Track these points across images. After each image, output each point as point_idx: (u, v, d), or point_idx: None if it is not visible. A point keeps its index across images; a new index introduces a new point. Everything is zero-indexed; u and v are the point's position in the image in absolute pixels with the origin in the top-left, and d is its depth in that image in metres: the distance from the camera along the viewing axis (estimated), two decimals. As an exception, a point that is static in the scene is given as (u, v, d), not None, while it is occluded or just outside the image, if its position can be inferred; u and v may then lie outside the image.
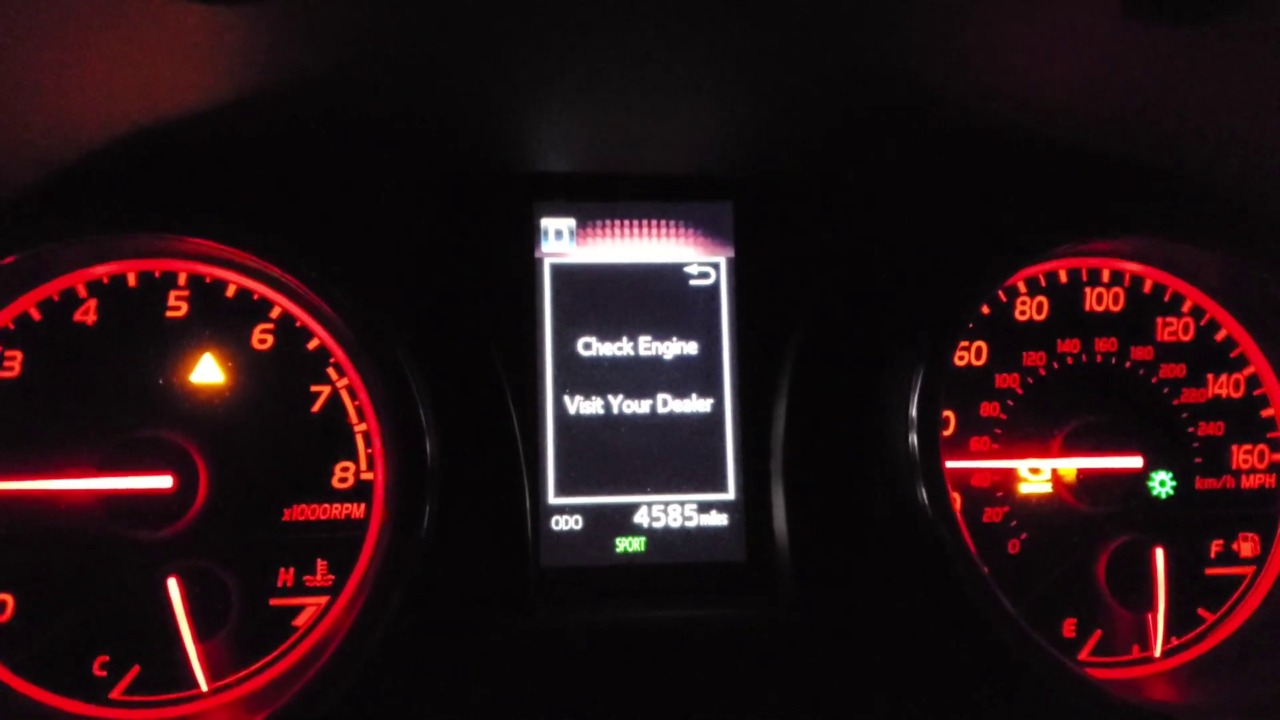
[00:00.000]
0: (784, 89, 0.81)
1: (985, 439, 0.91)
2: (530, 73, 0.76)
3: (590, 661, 0.90)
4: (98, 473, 0.82)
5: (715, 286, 0.98)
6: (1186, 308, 0.95)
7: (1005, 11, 0.69)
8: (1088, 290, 0.94)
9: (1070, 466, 0.90)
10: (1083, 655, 0.90)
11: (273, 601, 0.85)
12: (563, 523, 0.94)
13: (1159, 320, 0.95)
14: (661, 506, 0.95)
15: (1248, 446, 0.94)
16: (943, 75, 0.78)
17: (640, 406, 0.96)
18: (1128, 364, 0.94)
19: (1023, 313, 0.93)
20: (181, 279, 0.87)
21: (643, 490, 0.95)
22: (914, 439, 0.82)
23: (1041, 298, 0.94)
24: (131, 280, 0.87)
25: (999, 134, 0.87)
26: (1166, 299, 0.95)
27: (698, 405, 0.96)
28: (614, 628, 0.91)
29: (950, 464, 0.88)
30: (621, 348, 0.96)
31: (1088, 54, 0.74)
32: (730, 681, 0.89)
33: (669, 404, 0.96)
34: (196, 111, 0.79)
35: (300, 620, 0.85)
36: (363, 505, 0.87)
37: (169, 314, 0.87)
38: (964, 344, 0.92)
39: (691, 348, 0.97)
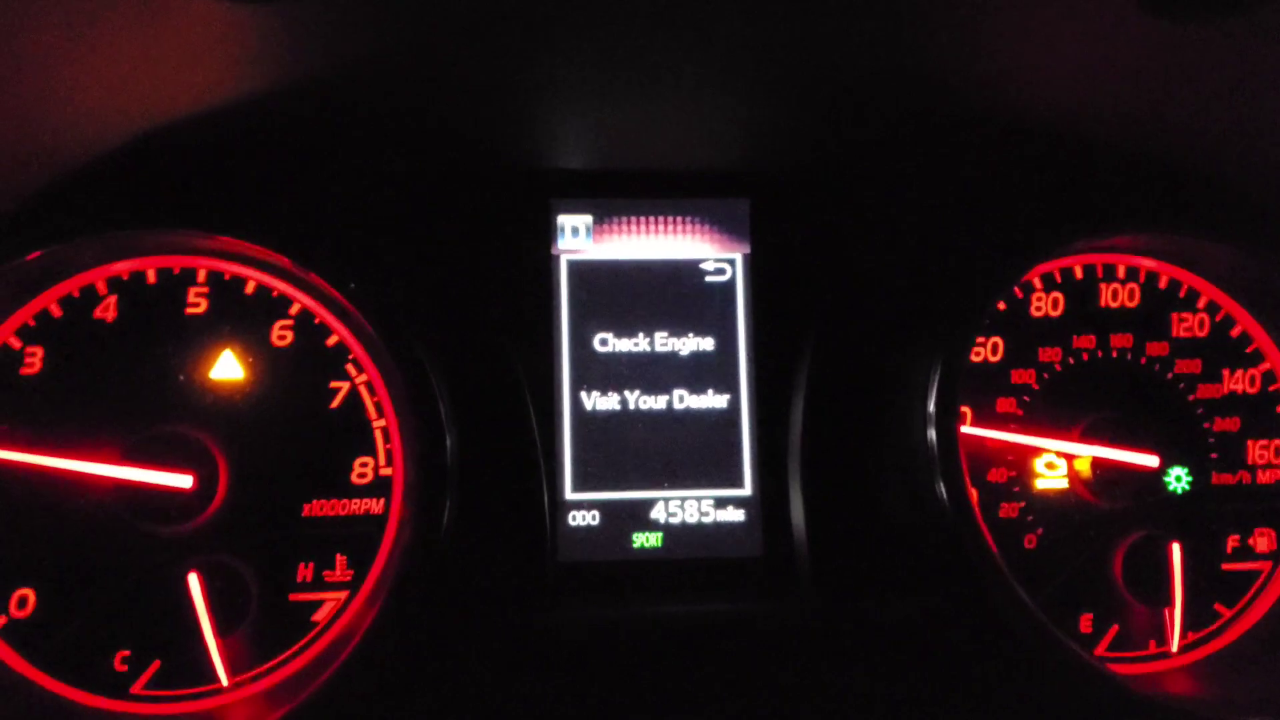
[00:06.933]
0: (800, 85, 0.81)
1: (1001, 434, 0.91)
2: (547, 70, 0.77)
3: (607, 656, 0.90)
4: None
5: (731, 283, 0.98)
6: (1202, 303, 0.95)
7: (1022, 6, 0.69)
8: (1103, 286, 0.94)
9: (1086, 455, 0.90)
10: (1100, 650, 0.90)
11: (292, 597, 0.86)
12: (580, 518, 0.94)
13: (1174, 316, 0.95)
14: (678, 502, 0.95)
15: (1264, 442, 0.94)
16: (960, 71, 0.78)
17: (657, 402, 0.96)
18: (1143, 360, 0.94)
19: (1038, 309, 0.94)
20: (201, 275, 0.88)
21: (659, 486, 0.95)
22: (932, 434, 0.82)
23: (1057, 294, 0.94)
24: (151, 277, 0.87)
25: (1015, 129, 0.87)
26: (1182, 295, 0.95)
27: (714, 401, 0.96)
28: (631, 623, 0.91)
29: (966, 429, 0.88)
30: (638, 344, 0.96)
31: (1105, 49, 0.74)
32: (747, 676, 0.89)
33: (685, 400, 0.96)
34: (215, 109, 0.79)
35: (320, 615, 0.86)
36: (382, 501, 0.87)
37: (189, 310, 0.87)
38: (980, 340, 0.92)
39: (708, 344, 0.97)
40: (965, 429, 0.89)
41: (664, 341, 0.97)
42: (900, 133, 0.91)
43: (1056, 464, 0.92)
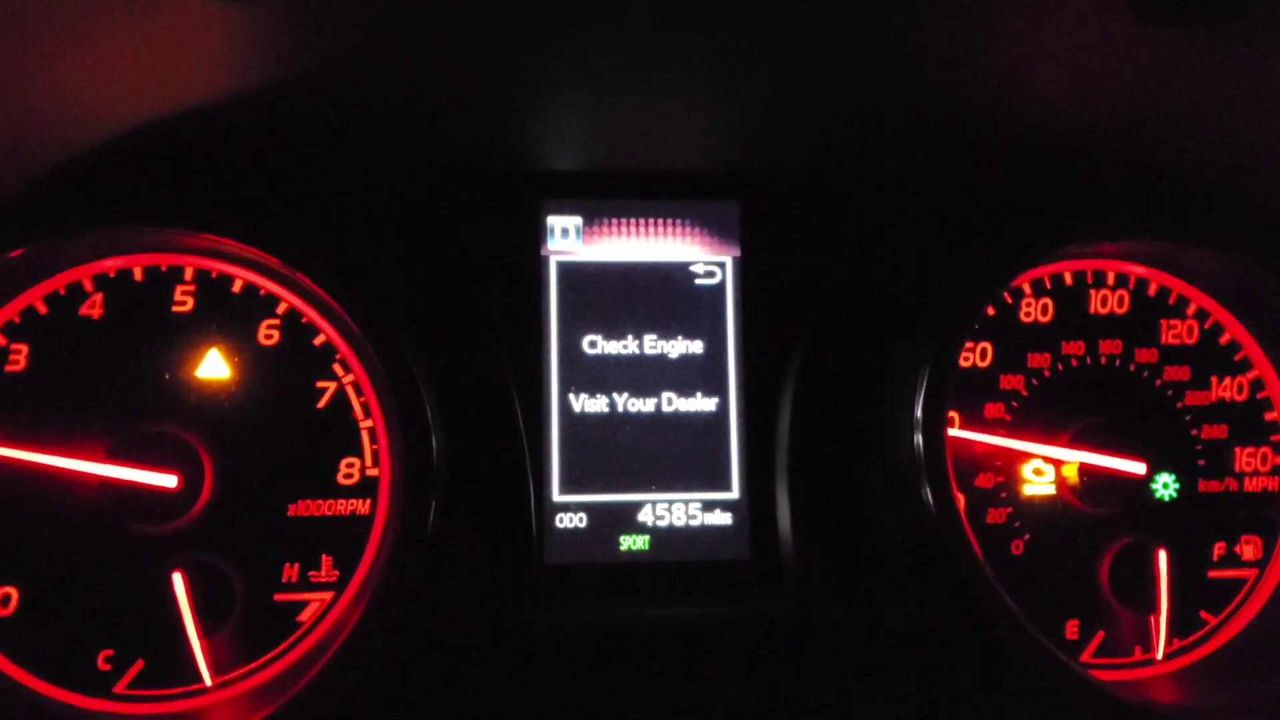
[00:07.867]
0: (791, 88, 0.81)
1: (989, 440, 0.91)
2: (537, 71, 0.76)
3: (593, 659, 0.90)
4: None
5: (721, 286, 0.98)
6: (1191, 311, 0.95)
7: (1013, 12, 0.69)
8: (1093, 292, 0.94)
9: (1074, 461, 0.90)
10: (1085, 656, 0.90)
11: (277, 597, 0.85)
12: (567, 520, 0.94)
13: (1163, 323, 0.95)
14: (666, 505, 0.95)
15: (1250, 449, 0.94)
16: (951, 75, 0.78)
17: (645, 405, 0.96)
18: (1132, 366, 0.94)
19: (1028, 314, 0.94)
20: (187, 274, 0.87)
21: (647, 488, 0.95)
22: (919, 439, 0.82)
23: (1047, 299, 0.94)
24: (137, 275, 0.87)
25: (1006, 134, 0.87)
26: (1171, 302, 0.95)
27: (702, 404, 0.96)
28: (617, 625, 0.91)
29: (953, 432, 0.89)
30: (627, 346, 0.96)
31: (1096, 54, 0.74)
32: (733, 680, 0.89)
33: (674, 402, 0.96)
34: (204, 106, 0.79)
35: (305, 616, 0.86)
36: (368, 501, 0.87)
37: (175, 309, 0.87)
38: (969, 345, 0.92)
39: (697, 347, 0.97)
40: (953, 432, 0.89)
41: (653, 344, 0.96)
42: (892, 137, 0.91)
43: (1044, 470, 0.92)
